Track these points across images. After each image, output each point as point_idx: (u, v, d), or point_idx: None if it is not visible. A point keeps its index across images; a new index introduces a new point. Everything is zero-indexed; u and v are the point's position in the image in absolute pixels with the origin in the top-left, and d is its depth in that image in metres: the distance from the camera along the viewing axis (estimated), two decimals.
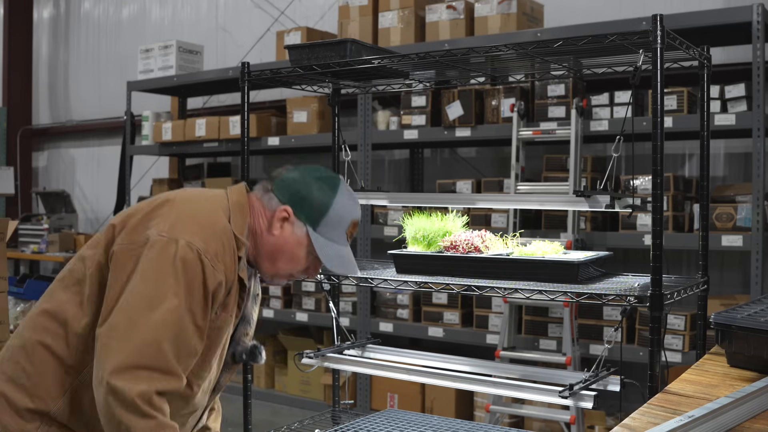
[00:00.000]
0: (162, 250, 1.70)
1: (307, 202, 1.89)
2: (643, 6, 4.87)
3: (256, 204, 1.91)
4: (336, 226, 1.90)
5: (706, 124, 2.74)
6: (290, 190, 1.90)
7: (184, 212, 1.79)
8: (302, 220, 1.88)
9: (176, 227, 1.74)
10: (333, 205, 1.89)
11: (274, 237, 1.88)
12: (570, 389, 2.41)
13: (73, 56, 9.16)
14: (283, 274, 1.94)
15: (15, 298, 4.12)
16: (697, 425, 1.31)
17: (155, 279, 1.68)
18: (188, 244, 1.71)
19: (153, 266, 1.69)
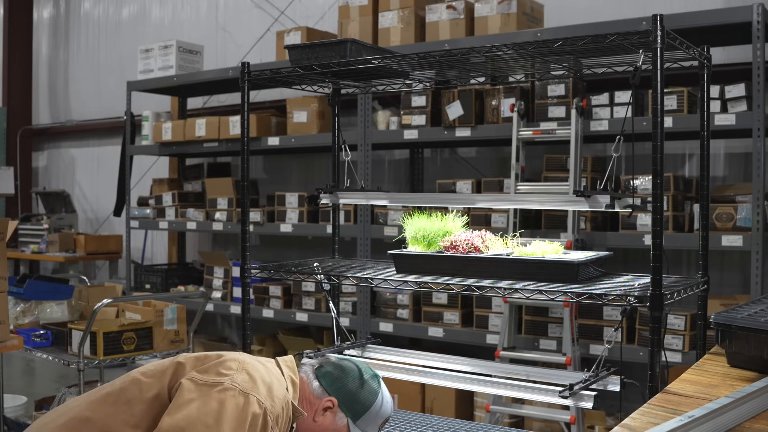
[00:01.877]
0: (233, 398, 1.81)
1: (354, 398, 2.08)
2: (643, 6, 4.87)
3: (304, 386, 2.08)
4: (373, 421, 2.10)
5: (706, 124, 2.74)
6: (338, 384, 2.09)
7: (256, 373, 1.91)
8: (344, 412, 2.06)
9: (248, 384, 1.86)
10: (374, 404, 2.09)
11: (316, 424, 2.04)
12: (570, 389, 2.41)
13: (73, 56, 9.16)
14: None
15: (15, 298, 4.12)
16: (697, 425, 1.31)
17: (218, 418, 1.77)
18: (258, 401, 1.84)
19: (220, 407, 1.79)
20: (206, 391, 1.82)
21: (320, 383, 2.09)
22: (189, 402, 1.79)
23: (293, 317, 5.53)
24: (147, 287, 6.61)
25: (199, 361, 1.94)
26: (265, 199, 6.26)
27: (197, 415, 1.76)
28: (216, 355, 1.97)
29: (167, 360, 1.97)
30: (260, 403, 1.84)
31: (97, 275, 8.48)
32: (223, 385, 1.83)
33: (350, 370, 2.13)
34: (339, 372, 2.12)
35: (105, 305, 3.62)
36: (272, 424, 1.85)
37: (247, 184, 3.21)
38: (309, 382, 2.09)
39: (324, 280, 2.95)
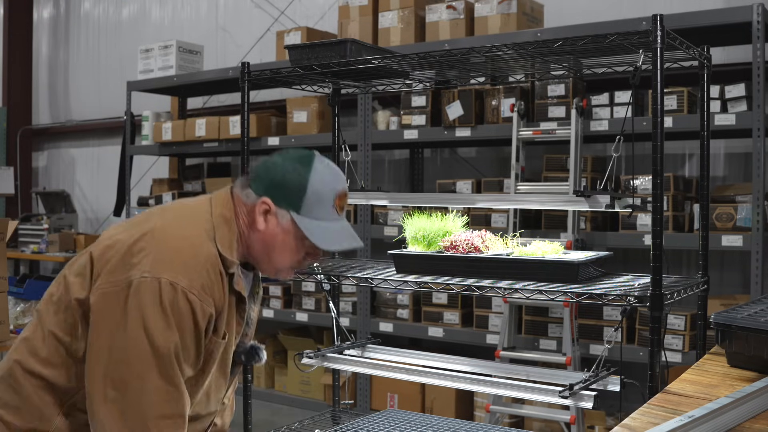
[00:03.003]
0: (147, 293, 1.66)
1: (283, 187, 1.80)
2: (643, 6, 4.87)
3: (239, 205, 1.85)
4: (319, 203, 1.81)
5: (706, 124, 2.74)
6: (265, 181, 1.82)
7: (166, 246, 1.72)
8: (284, 208, 1.80)
9: (158, 265, 1.68)
10: (309, 182, 1.80)
11: (260, 232, 1.82)
12: (570, 389, 2.41)
13: (73, 56, 9.16)
14: (283, 267, 1.88)
15: (15, 298, 4.12)
16: (697, 425, 1.31)
17: (145, 328, 1.65)
18: (172, 284, 1.66)
19: (141, 314, 1.65)
20: (121, 297, 1.67)
21: (250, 189, 1.83)
22: (109, 323, 1.67)
23: (293, 317, 5.53)
24: None
25: (109, 250, 1.74)
26: None
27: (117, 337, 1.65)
28: (126, 234, 1.76)
29: (84, 254, 1.80)
30: (175, 285, 1.66)
31: None
32: (133, 282, 1.66)
33: (275, 161, 1.85)
34: (264, 169, 1.84)
35: None
36: (198, 297, 1.68)
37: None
38: (244, 197, 1.84)
39: (324, 280, 2.95)
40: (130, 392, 1.64)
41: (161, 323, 1.65)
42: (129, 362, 1.64)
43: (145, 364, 1.64)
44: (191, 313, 1.68)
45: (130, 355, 1.64)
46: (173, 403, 1.67)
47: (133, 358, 1.64)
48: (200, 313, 1.69)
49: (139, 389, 1.64)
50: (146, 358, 1.64)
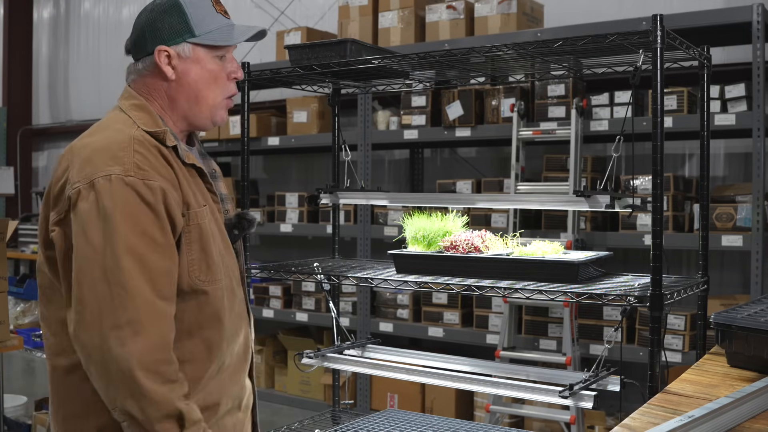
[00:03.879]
0: (86, 201, 1.55)
1: (162, 25, 1.73)
2: (643, 6, 4.87)
3: (141, 85, 1.76)
4: (203, 15, 1.75)
5: (706, 124, 2.74)
6: (145, 36, 1.74)
7: (84, 150, 1.63)
8: (179, 42, 1.73)
9: (84, 168, 1.59)
10: (182, 3, 1.74)
11: (177, 81, 1.74)
12: (570, 389, 2.41)
13: (73, 56, 9.17)
14: (217, 102, 1.79)
15: (15, 298, 4.12)
16: (697, 425, 1.31)
17: (100, 236, 1.53)
18: (104, 177, 1.56)
19: (87, 224, 1.55)
20: (68, 219, 1.58)
21: (139, 59, 1.75)
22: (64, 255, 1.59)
23: (293, 317, 5.53)
24: None
25: (50, 192, 1.67)
26: (265, 199, 6.27)
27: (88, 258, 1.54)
28: (53, 170, 1.69)
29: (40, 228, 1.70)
30: (108, 177, 1.55)
31: None
32: (71, 198, 1.57)
33: (137, 21, 1.79)
34: (135, 34, 1.77)
35: None
36: (138, 176, 1.57)
37: (247, 184, 3.21)
38: (141, 73, 1.75)
39: (324, 280, 2.95)
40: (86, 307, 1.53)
41: (113, 224, 1.53)
42: (80, 282, 1.55)
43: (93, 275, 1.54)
44: (137, 197, 1.56)
45: (81, 273, 1.54)
46: (123, 310, 1.52)
47: (83, 275, 1.54)
48: (147, 192, 1.57)
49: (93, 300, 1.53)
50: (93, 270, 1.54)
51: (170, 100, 1.76)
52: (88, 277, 1.53)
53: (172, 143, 1.70)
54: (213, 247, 1.70)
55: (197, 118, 1.79)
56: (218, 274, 1.71)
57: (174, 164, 1.67)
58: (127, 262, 1.53)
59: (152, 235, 1.57)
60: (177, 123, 1.78)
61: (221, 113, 1.81)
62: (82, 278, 1.54)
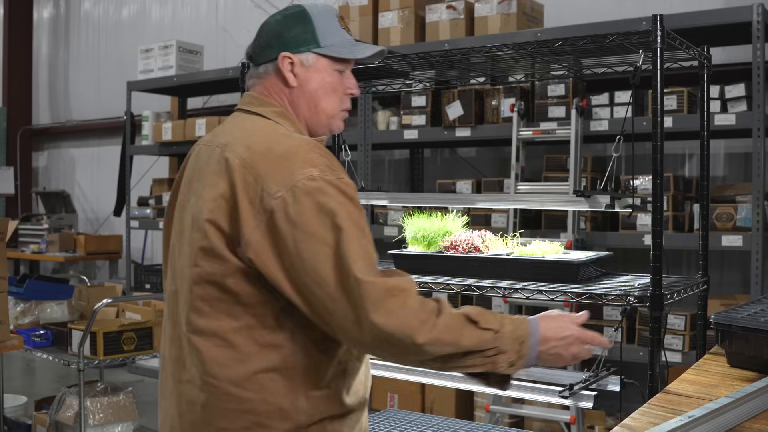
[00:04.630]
0: (298, 204, 1.50)
1: (290, 33, 1.74)
2: (643, 6, 4.87)
3: (267, 86, 1.76)
4: (329, 27, 1.76)
5: (706, 124, 2.74)
6: (270, 42, 1.75)
7: (265, 159, 1.56)
8: (304, 50, 1.74)
9: (277, 176, 1.53)
10: (310, 13, 1.75)
11: (298, 89, 1.75)
12: (570, 389, 2.41)
13: (73, 56, 9.17)
14: (334, 112, 1.79)
15: (15, 298, 4.11)
16: (697, 425, 1.31)
17: (314, 238, 1.50)
18: (307, 178, 1.52)
19: (308, 225, 1.50)
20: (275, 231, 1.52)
21: (261, 66, 1.76)
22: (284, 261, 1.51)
23: None
24: (147, 287, 6.61)
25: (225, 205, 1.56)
26: None
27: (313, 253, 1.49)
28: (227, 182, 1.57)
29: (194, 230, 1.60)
30: (311, 178, 1.52)
31: (97, 275, 8.48)
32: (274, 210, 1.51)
33: (265, 25, 1.78)
34: (261, 38, 1.77)
35: (105, 305, 3.62)
36: (334, 176, 1.55)
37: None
38: (263, 75, 1.76)
39: None
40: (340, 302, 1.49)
41: (328, 221, 1.51)
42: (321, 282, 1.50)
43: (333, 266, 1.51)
44: (340, 192, 1.54)
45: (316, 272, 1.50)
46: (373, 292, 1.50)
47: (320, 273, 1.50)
48: (345, 187, 1.56)
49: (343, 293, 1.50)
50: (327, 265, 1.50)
51: (292, 106, 1.77)
52: (326, 272, 1.49)
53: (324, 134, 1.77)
54: None
55: (316, 125, 1.79)
56: None
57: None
58: (355, 246, 1.51)
59: (363, 226, 1.56)
60: (303, 130, 1.78)
61: (338, 122, 1.82)
62: (321, 276, 1.49)
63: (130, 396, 3.94)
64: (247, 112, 1.75)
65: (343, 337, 1.55)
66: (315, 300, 1.51)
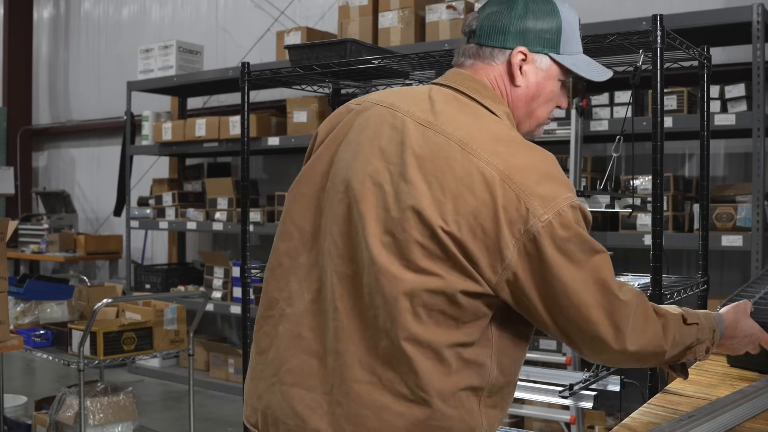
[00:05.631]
0: (560, 232, 1.42)
1: (536, 27, 1.57)
2: (643, 6, 4.87)
3: (487, 74, 1.59)
4: (572, 36, 1.62)
5: (706, 124, 2.74)
6: (507, 28, 1.57)
7: (526, 173, 1.43)
8: (540, 51, 1.58)
9: (545, 199, 1.41)
10: (562, 15, 1.59)
11: (522, 88, 1.60)
12: (570, 389, 2.41)
13: (73, 56, 9.17)
14: (543, 119, 1.68)
15: (15, 298, 4.11)
16: (697, 425, 1.31)
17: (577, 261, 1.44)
18: (569, 206, 1.43)
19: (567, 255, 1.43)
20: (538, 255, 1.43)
21: (486, 49, 1.58)
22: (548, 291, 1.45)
23: None
24: (147, 287, 6.62)
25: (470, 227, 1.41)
26: (265, 199, 6.27)
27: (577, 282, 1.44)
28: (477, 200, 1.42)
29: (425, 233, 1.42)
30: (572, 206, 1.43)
31: (97, 275, 8.48)
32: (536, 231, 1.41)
33: (504, 6, 1.58)
34: (497, 19, 1.58)
35: (105, 305, 3.62)
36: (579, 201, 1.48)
37: (247, 184, 3.21)
38: (489, 61, 1.59)
39: None
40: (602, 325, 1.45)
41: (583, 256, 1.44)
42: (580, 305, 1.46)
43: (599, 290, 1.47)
44: (583, 217, 1.48)
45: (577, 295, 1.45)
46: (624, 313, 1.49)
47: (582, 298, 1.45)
48: (587, 210, 1.51)
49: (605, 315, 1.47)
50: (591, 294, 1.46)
51: (511, 105, 1.62)
52: (588, 295, 1.45)
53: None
54: None
55: (523, 130, 1.67)
56: None
57: None
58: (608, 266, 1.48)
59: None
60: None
61: (540, 130, 1.72)
62: (583, 298, 1.44)
63: (130, 396, 3.94)
64: (474, 101, 1.56)
65: (589, 353, 1.54)
66: (569, 321, 1.47)
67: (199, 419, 4.15)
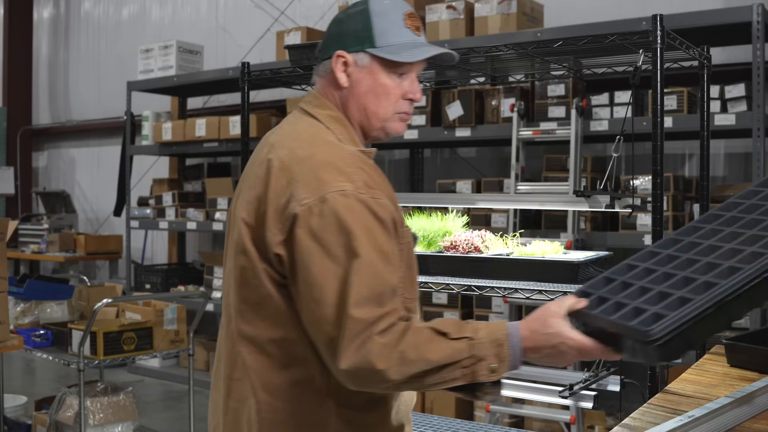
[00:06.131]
0: (320, 216, 1.46)
1: (347, 30, 1.66)
2: (643, 6, 4.87)
3: (324, 85, 1.70)
4: (390, 27, 1.67)
5: (706, 124, 2.74)
6: (330, 40, 1.68)
7: (305, 164, 1.52)
8: (358, 50, 1.64)
9: (311, 184, 1.49)
10: (370, 9, 1.66)
11: (348, 89, 1.66)
12: (570, 389, 2.41)
13: (73, 56, 9.17)
14: (388, 115, 1.69)
15: (15, 298, 4.11)
16: (697, 425, 1.31)
17: (341, 250, 1.45)
18: (339, 192, 1.47)
19: (324, 239, 1.46)
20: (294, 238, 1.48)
21: (320, 58, 1.70)
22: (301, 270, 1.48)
23: None
24: (147, 287, 6.62)
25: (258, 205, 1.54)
26: None
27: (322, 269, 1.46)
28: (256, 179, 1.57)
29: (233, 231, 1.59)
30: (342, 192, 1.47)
31: (97, 275, 8.49)
32: (298, 216, 1.47)
33: (331, 21, 1.72)
34: (326, 34, 1.71)
35: (105, 305, 3.62)
36: (369, 195, 1.50)
37: None
38: (322, 73, 1.69)
39: None
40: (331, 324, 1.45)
41: (344, 240, 1.45)
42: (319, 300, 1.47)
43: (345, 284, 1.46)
44: (371, 214, 1.49)
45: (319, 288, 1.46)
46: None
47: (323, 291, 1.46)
48: (380, 209, 1.51)
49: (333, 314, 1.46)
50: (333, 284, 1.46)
51: (344, 108, 1.69)
52: (328, 293, 1.45)
53: (371, 158, 1.65)
54: (416, 264, 1.69)
55: (369, 129, 1.70)
56: (413, 292, 1.67)
57: (388, 184, 1.61)
58: (365, 277, 1.44)
59: (387, 251, 1.50)
60: (356, 136, 1.70)
61: (394, 125, 1.71)
62: (323, 295, 1.45)
63: (130, 396, 3.94)
64: (304, 113, 1.68)
65: (325, 361, 1.50)
66: (311, 316, 1.48)
67: (199, 419, 4.15)
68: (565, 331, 1.45)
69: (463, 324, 1.50)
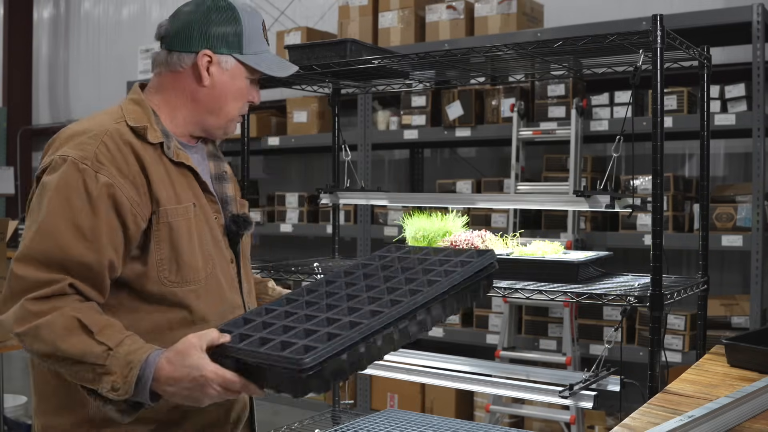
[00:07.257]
0: (43, 180, 1.61)
1: (219, 31, 1.74)
2: (643, 6, 4.87)
3: (167, 79, 1.77)
4: (254, 37, 1.78)
5: (706, 124, 2.74)
6: (192, 33, 1.75)
7: (63, 133, 1.68)
8: (225, 53, 1.75)
9: (55, 149, 1.64)
10: (242, 20, 1.76)
11: (209, 87, 1.75)
12: (570, 389, 2.41)
13: (73, 56, 9.17)
14: (233, 116, 1.83)
15: None
16: (697, 425, 1.31)
17: (36, 207, 1.60)
18: (60, 157, 1.59)
19: (34, 195, 1.62)
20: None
21: (175, 53, 1.75)
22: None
23: None
24: None
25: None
26: (265, 199, 6.26)
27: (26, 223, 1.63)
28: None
29: None
30: (63, 157, 1.59)
31: None
32: (36, 175, 1.65)
33: (189, 12, 1.79)
34: (182, 25, 1.77)
35: None
36: (92, 167, 1.58)
37: (247, 184, 3.21)
38: (167, 69, 1.77)
39: None
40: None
41: (48, 195, 1.57)
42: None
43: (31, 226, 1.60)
44: (82, 183, 1.57)
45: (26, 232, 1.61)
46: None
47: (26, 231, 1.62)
48: (92, 183, 1.58)
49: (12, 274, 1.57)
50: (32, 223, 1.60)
51: (193, 102, 1.77)
52: (22, 246, 1.58)
53: (158, 140, 1.68)
54: (187, 247, 1.67)
55: (212, 126, 1.82)
56: (192, 276, 1.68)
57: (149, 162, 1.65)
58: (33, 240, 1.56)
59: (80, 224, 1.56)
60: (187, 125, 1.80)
61: (233, 126, 1.87)
62: (23, 244, 1.59)
63: None
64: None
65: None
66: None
67: None
68: (205, 364, 1.45)
69: (115, 331, 1.52)
